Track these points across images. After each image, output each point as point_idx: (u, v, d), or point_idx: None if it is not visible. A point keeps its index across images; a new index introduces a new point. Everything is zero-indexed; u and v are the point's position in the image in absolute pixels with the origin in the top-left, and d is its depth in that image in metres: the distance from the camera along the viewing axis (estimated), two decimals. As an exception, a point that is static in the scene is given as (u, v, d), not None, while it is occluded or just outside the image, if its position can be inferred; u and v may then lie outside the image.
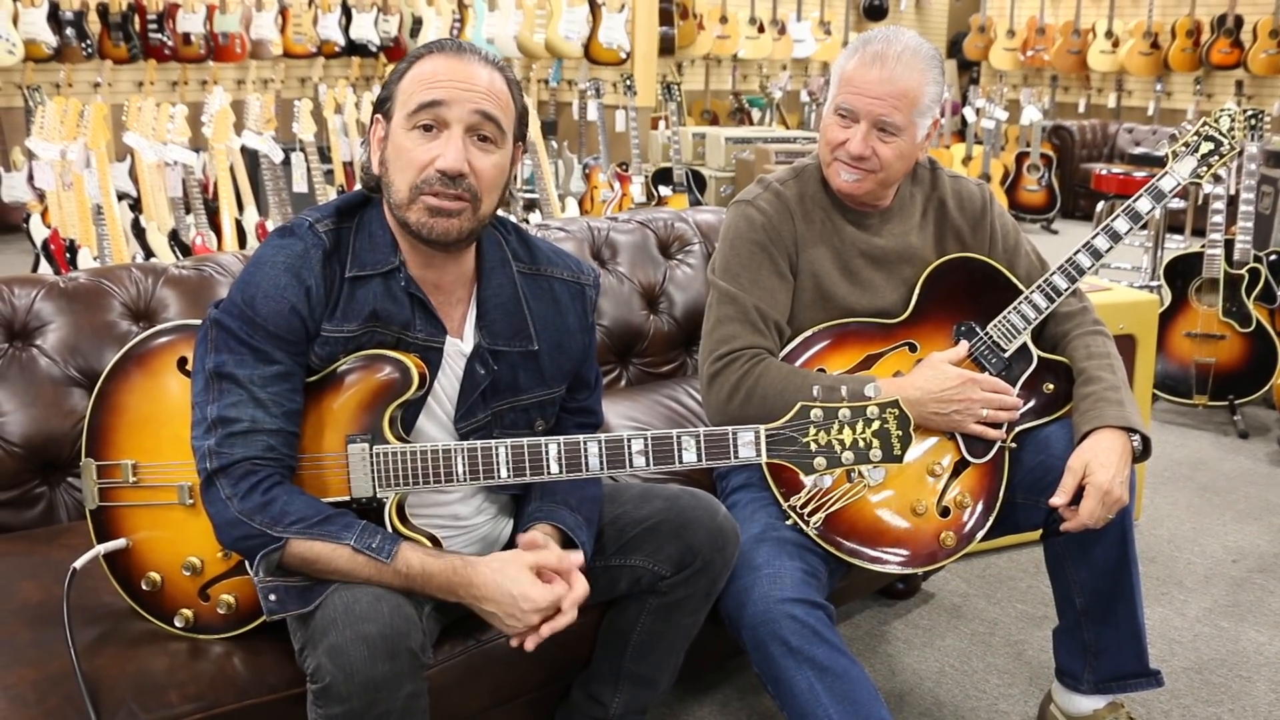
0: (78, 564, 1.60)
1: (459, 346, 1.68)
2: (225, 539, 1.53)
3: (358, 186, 1.69)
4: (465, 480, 1.58)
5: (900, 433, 1.54)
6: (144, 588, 1.63)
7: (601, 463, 1.57)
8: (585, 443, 1.57)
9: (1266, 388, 3.96)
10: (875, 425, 1.54)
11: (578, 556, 1.61)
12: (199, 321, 1.61)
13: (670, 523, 1.76)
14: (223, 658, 1.60)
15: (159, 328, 1.71)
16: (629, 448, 1.56)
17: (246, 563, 1.53)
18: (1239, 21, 8.69)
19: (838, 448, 1.55)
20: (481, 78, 1.57)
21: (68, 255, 4.66)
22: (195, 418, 1.55)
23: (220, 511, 1.51)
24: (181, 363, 1.65)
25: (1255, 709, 2.33)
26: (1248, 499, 3.44)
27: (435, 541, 1.60)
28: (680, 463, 1.57)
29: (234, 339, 1.54)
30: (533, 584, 1.53)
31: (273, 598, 1.50)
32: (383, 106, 1.62)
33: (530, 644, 1.55)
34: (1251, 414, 4.14)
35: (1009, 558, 2.97)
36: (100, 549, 1.63)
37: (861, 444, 1.55)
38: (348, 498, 1.57)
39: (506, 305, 1.70)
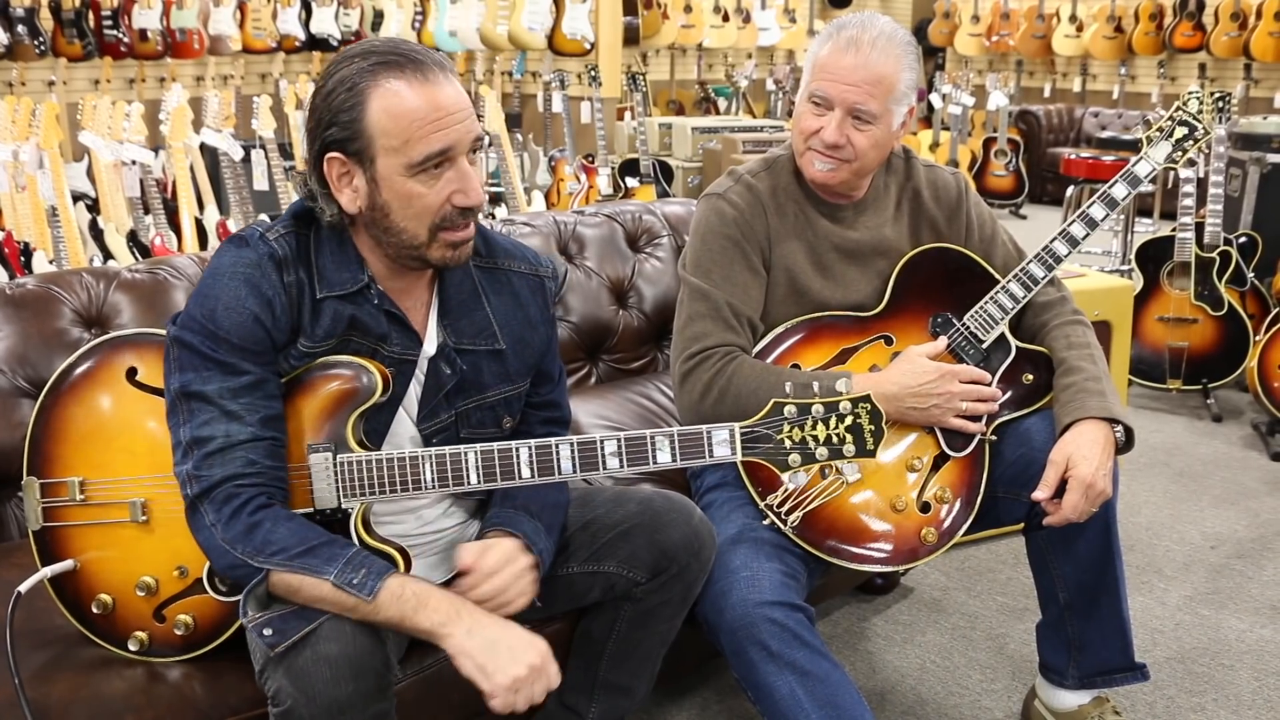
0: (22, 588, 1.52)
1: (423, 348, 1.62)
2: (217, 566, 1.48)
3: None
4: (434, 488, 1.53)
5: (873, 427, 1.52)
6: (95, 611, 1.56)
7: (574, 465, 1.53)
8: (557, 445, 1.52)
9: (1239, 371, 3.95)
10: (848, 420, 1.52)
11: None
12: (150, 330, 1.54)
13: (644, 527, 1.71)
14: (181, 680, 1.54)
15: (104, 337, 1.63)
16: (602, 449, 1.52)
17: (240, 606, 1.44)
18: (1200, 5, 8.71)
19: (811, 444, 1.52)
20: (458, 98, 1.50)
21: (22, 259, 4.54)
22: (172, 442, 1.49)
23: (207, 538, 1.45)
24: (131, 373, 1.58)
25: (1239, 697, 2.31)
26: (1223, 483, 3.43)
27: (405, 555, 1.53)
28: (654, 463, 1.52)
29: (197, 355, 1.47)
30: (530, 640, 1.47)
31: (268, 632, 1.39)
32: (345, 147, 1.48)
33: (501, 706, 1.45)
34: (1225, 397, 4.14)
35: (988, 549, 2.94)
36: (45, 572, 1.55)
37: (835, 439, 1.52)
38: (311, 509, 1.50)
39: (468, 302, 1.66)
